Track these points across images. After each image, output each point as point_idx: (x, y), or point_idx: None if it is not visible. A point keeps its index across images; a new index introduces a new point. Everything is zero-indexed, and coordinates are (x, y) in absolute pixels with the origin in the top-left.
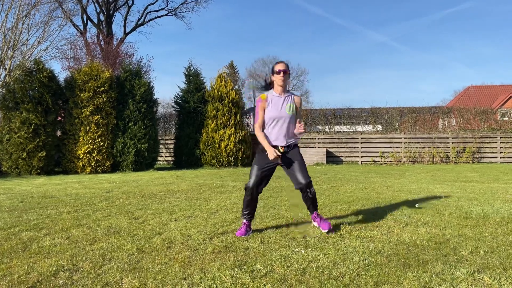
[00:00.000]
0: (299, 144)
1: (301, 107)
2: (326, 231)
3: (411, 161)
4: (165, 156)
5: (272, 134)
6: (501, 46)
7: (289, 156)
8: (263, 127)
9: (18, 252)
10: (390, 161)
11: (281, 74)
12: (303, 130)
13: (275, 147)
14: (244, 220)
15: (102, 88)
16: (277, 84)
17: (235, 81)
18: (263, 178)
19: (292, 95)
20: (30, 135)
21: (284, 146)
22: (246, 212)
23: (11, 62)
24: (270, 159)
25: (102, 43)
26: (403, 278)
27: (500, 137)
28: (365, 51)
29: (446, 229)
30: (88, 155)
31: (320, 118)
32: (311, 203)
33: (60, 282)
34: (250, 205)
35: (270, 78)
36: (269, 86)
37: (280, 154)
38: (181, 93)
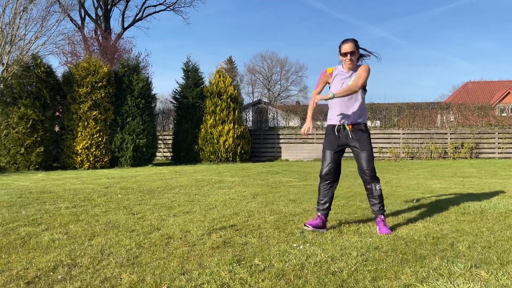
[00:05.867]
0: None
1: (367, 74)
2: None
3: (410, 157)
4: (164, 152)
5: (336, 111)
6: (500, 41)
7: (357, 140)
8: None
9: (16, 247)
10: (389, 157)
11: (348, 56)
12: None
13: (341, 126)
14: (319, 213)
15: (100, 84)
16: (345, 66)
17: (233, 76)
18: (337, 162)
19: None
20: (28, 130)
21: (352, 125)
22: (322, 202)
23: (9, 57)
24: (301, 131)
25: (100, 38)
26: (401, 273)
27: (498, 133)
28: (365, 46)
29: (443, 224)
30: (86, 151)
31: (319, 113)
32: (377, 201)
33: (58, 277)
34: (327, 195)
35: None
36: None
37: (309, 132)
38: (180, 89)
